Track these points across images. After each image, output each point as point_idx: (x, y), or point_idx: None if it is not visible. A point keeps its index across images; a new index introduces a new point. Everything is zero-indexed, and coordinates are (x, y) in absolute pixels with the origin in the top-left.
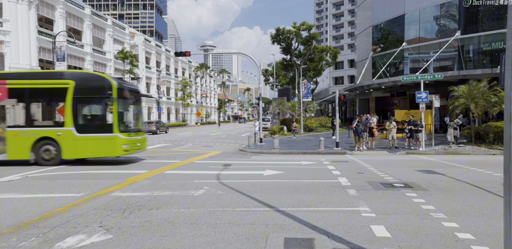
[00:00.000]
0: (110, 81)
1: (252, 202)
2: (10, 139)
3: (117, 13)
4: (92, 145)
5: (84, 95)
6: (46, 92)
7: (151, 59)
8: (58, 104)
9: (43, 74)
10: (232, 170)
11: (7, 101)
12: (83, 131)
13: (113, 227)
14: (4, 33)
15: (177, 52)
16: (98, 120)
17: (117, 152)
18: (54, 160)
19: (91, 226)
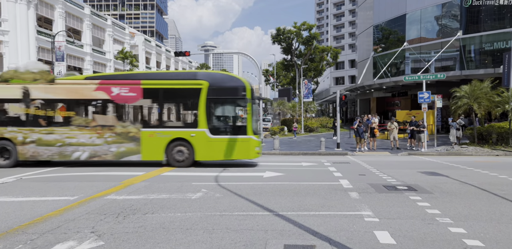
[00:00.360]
0: (244, 82)
1: (251, 206)
2: (144, 140)
3: (117, 13)
4: (226, 147)
5: (218, 96)
6: (179, 93)
7: (151, 59)
8: (191, 105)
9: (176, 74)
10: (231, 171)
11: (141, 102)
12: (216, 133)
13: (106, 233)
14: (2, 33)
15: (176, 52)
16: (232, 121)
17: (251, 155)
18: (186, 161)
19: (82, 232)
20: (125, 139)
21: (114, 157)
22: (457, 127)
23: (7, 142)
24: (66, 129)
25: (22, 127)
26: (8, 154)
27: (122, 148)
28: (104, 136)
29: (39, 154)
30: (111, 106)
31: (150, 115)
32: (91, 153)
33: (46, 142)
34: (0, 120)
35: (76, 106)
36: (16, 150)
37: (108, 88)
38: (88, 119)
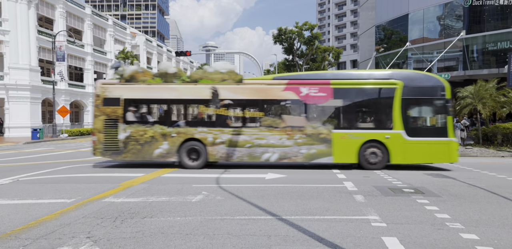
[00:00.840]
0: (442, 82)
1: (253, 210)
2: (336, 142)
3: (119, 13)
4: (424, 150)
5: (414, 96)
6: (372, 93)
7: (152, 60)
8: (385, 106)
9: (368, 74)
10: (233, 173)
11: (331, 102)
12: (413, 135)
13: (102, 238)
14: (3, 32)
15: (177, 52)
16: (430, 123)
17: (452, 158)
18: (379, 164)
19: (78, 237)
20: (315, 141)
21: (305, 159)
22: (461, 127)
23: (197, 143)
24: (255, 130)
25: (211, 128)
26: (195, 155)
27: (312, 150)
28: (294, 138)
29: (228, 155)
30: (300, 107)
31: (341, 116)
32: (281, 155)
33: (235, 143)
34: (190, 120)
35: (264, 106)
36: (206, 151)
37: (297, 88)
38: (277, 120)
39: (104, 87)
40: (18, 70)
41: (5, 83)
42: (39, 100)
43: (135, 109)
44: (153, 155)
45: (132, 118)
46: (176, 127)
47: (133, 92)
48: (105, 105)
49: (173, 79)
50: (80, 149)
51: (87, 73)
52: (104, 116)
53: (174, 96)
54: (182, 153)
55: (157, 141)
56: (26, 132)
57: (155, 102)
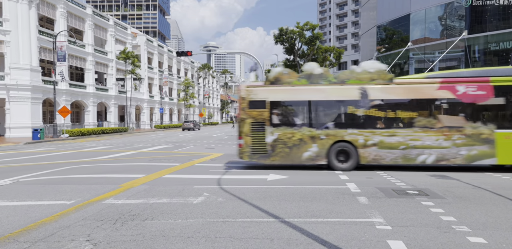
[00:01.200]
0: None
1: (255, 212)
2: (500, 142)
3: (120, 13)
4: None
5: None
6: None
7: (153, 60)
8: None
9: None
10: (234, 174)
11: (493, 100)
12: None
13: (102, 242)
14: (4, 32)
15: (178, 52)
16: None
17: None
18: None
19: (77, 240)
20: (476, 141)
21: (464, 160)
22: None
23: (347, 145)
24: (409, 131)
25: (362, 129)
26: (344, 156)
27: (473, 151)
28: (452, 138)
29: (381, 157)
30: (457, 106)
31: (505, 115)
32: (438, 157)
33: (388, 145)
34: (339, 122)
35: (417, 106)
36: (357, 153)
37: (452, 86)
38: (432, 120)
39: (249, 90)
40: (19, 70)
41: (6, 83)
42: (40, 100)
43: (281, 111)
44: (302, 158)
45: (279, 121)
46: (325, 129)
47: (278, 94)
48: (251, 108)
49: (319, 80)
50: (81, 150)
51: (88, 73)
52: (251, 119)
53: (321, 98)
54: (331, 155)
55: (305, 143)
56: (27, 132)
57: (301, 104)
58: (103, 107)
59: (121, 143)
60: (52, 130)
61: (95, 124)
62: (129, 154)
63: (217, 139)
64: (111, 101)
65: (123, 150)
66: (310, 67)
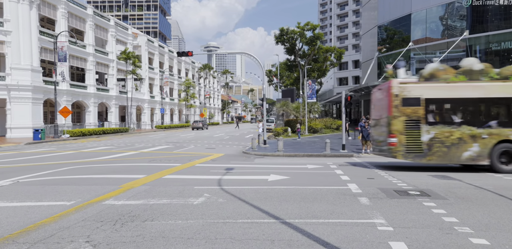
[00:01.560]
0: None
1: (256, 213)
2: None
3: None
4: None
5: None
6: None
7: (154, 60)
8: None
9: None
10: (235, 174)
11: None
12: None
13: (101, 243)
14: (5, 33)
15: (179, 52)
16: None
17: None
18: None
19: (76, 242)
20: None
21: None
22: None
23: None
24: None
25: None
26: (505, 158)
27: None
28: None
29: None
30: None
31: None
32: None
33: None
34: (503, 121)
35: None
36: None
37: None
38: None
39: (402, 87)
40: (19, 70)
41: (7, 83)
42: (41, 101)
43: (438, 109)
44: (461, 157)
45: (435, 119)
46: (487, 128)
47: (434, 91)
48: (404, 106)
49: (479, 77)
50: (82, 150)
51: (89, 74)
52: (404, 117)
53: (482, 95)
54: (494, 156)
55: (465, 143)
56: (28, 133)
57: (460, 102)
58: (104, 108)
59: (122, 144)
60: (53, 131)
61: (96, 124)
62: (130, 154)
63: (218, 140)
64: (112, 101)
65: (124, 150)
66: (469, 63)
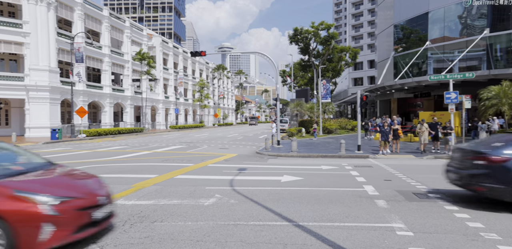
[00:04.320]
0: None
1: (268, 215)
2: None
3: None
4: None
5: None
6: None
7: (168, 60)
8: None
9: None
10: (248, 175)
11: None
12: None
13: (109, 244)
14: (24, 34)
15: (192, 52)
16: None
17: None
18: None
19: (84, 242)
20: None
21: None
22: (486, 129)
23: None
24: None
25: None
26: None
27: None
28: None
29: None
30: None
31: None
32: None
33: None
34: None
35: None
36: None
37: None
38: None
39: None
40: (38, 71)
41: (26, 84)
42: (58, 101)
43: None
44: None
45: None
46: None
47: None
48: None
49: None
50: (97, 150)
51: (105, 74)
52: None
53: None
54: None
55: None
56: (45, 132)
57: None
58: (120, 108)
59: (136, 143)
60: (69, 130)
61: (111, 124)
62: (144, 154)
63: (231, 140)
64: (127, 101)
65: (137, 150)
66: None
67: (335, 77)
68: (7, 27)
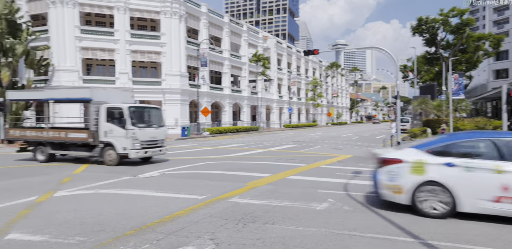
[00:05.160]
0: None
1: (388, 227)
2: None
3: (253, 20)
4: None
5: None
6: None
7: (282, 61)
8: None
9: None
10: (364, 179)
11: None
12: None
13: (224, 242)
14: (161, 45)
15: (305, 51)
16: None
17: None
18: None
19: (202, 238)
20: None
21: None
22: None
23: None
24: None
25: None
26: None
27: None
28: None
29: None
30: None
31: None
32: None
33: None
34: None
35: None
36: None
37: None
38: None
39: None
40: (171, 76)
41: (162, 88)
42: (187, 102)
43: None
44: None
45: None
46: None
47: None
48: None
49: None
50: (217, 147)
51: (225, 77)
52: None
53: None
54: None
55: None
56: (177, 130)
57: None
58: (237, 107)
59: (251, 142)
60: (196, 128)
61: (230, 123)
62: (258, 152)
63: (345, 140)
64: (244, 101)
65: (253, 148)
66: None
67: (469, 70)
68: (149, 39)
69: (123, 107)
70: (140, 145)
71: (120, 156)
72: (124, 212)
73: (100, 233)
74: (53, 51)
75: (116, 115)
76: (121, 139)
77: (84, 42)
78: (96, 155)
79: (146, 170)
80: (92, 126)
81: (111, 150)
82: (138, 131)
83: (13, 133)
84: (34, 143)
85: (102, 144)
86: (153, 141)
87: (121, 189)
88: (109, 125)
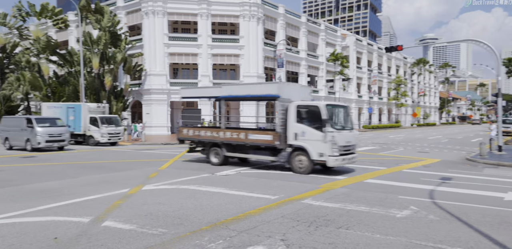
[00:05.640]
0: None
1: (483, 242)
2: None
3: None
4: None
5: None
6: None
7: (362, 59)
8: None
9: None
10: (454, 186)
11: None
12: None
13: (294, 244)
14: (240, 47)
15: (387, 47)
16: None
17: None
18: None
19: (273, 238)
20: None
21: None
22: None
23: None
24: None
25: None
26: None
27: None
28: None
29: None
30: None
31: None
32: None
33: None
34: None
35: None
36: None
37: None
38: None
39: None
40: (249, 77)
41: None
42: (264, 103)
43: None
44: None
45: None
46: None
47: None
48: None
49: None
50: None
51: (301, 77)
52: None
53: None
54: None
55: None
56: None
57: None
58: None
59: None
60: None
61: None
62: None
63: (433, 142)
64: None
65: None
66: None
67: None
68: (229, 43)
69: (319, 106)
70: (338, 151)
71: (314, 164)
72: (201, 208)
73: (179, 226)
74: (145, 58)
75: (310, 114)
76: (317, 143)
77: (172, 48)
78: (282, 160)
79: (223, 168)
80: (278, 127)
81: (302, 155)
82: (337, 135)
83: (187, 132)
84: (208, 144)
85: (291, 148)
86: (348, 147)
87: (199, 185)
88: (300, 126)
